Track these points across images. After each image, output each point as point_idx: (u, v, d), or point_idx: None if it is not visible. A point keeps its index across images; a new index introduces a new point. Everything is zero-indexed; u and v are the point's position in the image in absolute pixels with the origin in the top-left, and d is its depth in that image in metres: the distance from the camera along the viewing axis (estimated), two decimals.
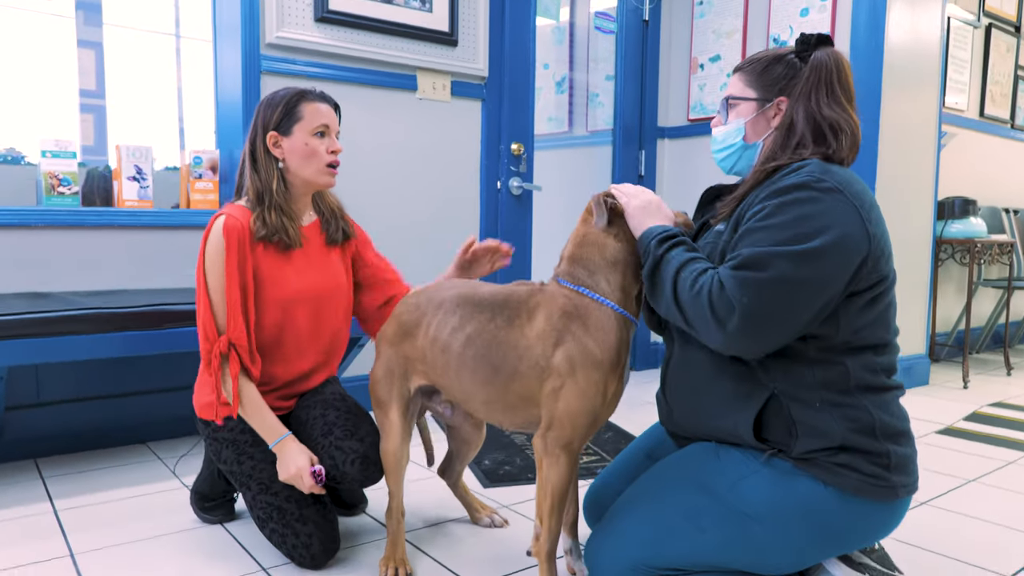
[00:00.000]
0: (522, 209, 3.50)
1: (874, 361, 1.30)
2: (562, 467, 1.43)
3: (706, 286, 1.23)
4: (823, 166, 1.28)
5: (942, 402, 3.38)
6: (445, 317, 1.55)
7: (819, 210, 1.22)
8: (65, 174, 2.52)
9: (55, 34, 2.95)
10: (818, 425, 1.26)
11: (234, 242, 1.64)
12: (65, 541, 1.79)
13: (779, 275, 1.18)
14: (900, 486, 1.28)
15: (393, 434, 1.62)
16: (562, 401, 1.40)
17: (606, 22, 3.96)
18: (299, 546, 1.61)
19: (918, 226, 3.63)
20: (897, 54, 3.36)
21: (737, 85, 1.45)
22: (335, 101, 1.78)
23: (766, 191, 1.28)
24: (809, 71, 1.36)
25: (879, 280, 1.29)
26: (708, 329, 1.23)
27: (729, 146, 1.46)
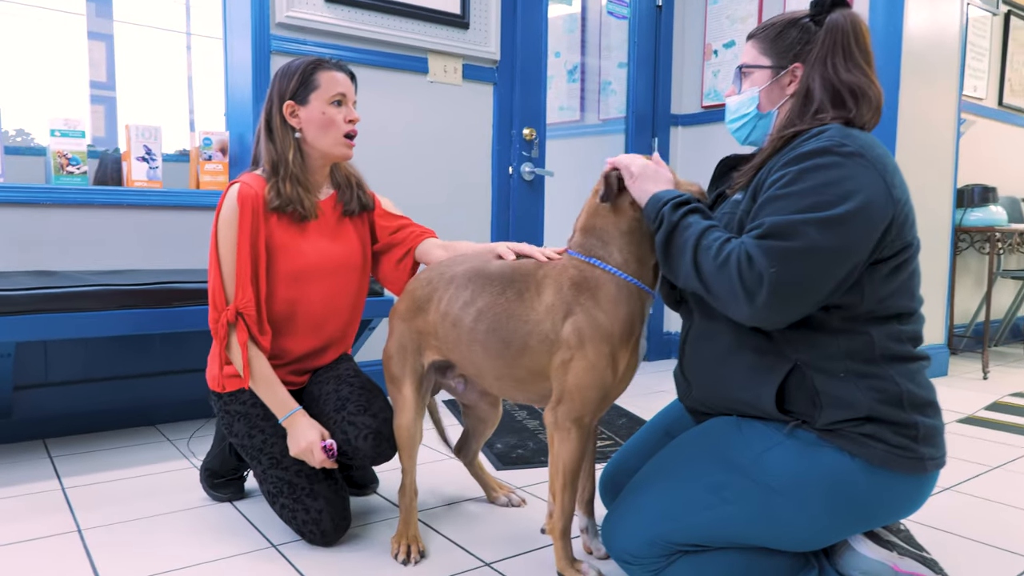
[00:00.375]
0: (534, 195, 3.46)
1: (899, 330, 1.26)
2: (573, 442, 1.39)
3: (733, 256, 1.18)
4: (843, 130, 1.24)
5: (963, 392, 3.32)
6: (456, 292, 1.52)
7: (842, 175, 1.17)
8: (74, 153, 2.50)
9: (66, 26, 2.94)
10: (843, 395, 1.22)
11: (247, 210, 1.61)
12: (73, 517, 1.76)
13: (807, 244, 1.14)
14: (928, 459, 1.23)
15: (407, 409, 1.58)
16: (572, 374, 1.37)
17: (619, 7, 3.91)
18: (309, 522, 1.57)
19: (937, 214, 3.57)
20: (916, 41, 3.30)
21: (751, 53, 1.40)
22: (351, 70, 1.75)
23: (786, 157, 1.24)
24: (824, 34, 1.31)
25: (903, 247, 1.24)
26: (735, 301, 1.19)
27: (743, 115, 1.41)
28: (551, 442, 1.42)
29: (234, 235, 1.61)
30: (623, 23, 3.96)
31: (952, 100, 3.57)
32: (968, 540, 1.71)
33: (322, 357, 1.80)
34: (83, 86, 3.11)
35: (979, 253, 4.33)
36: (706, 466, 1.31)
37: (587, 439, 1.43)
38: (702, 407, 1.44)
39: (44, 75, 2.91)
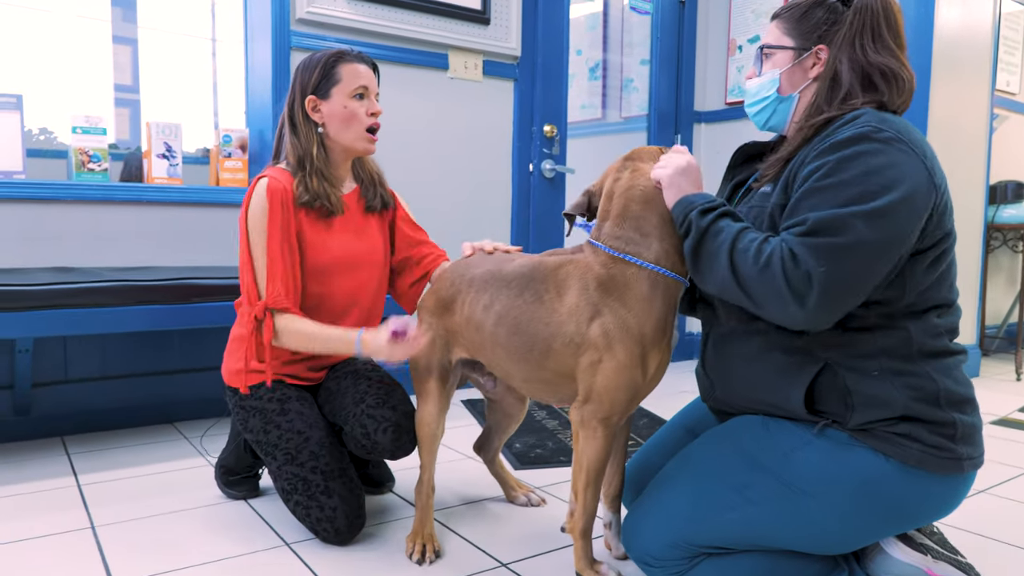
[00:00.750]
0: (555, 192, 3.42)
1: (936, 324, 1.20)
2: (599, 441, 1.34)
3: (776, 256, 1.11)
4: (879, 115, 1.18)
5: (995, 394, 3.22)
6: (476, 295, 1.48)
7: (885, 162, 1.11)
8: (95, 150, 2.50)
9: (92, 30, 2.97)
10: (877, 394, 1.17)
11: (277, 203, 1.59)
12: (87, 513, 1.75)
13: (855, 238, 1.08)
14: (966, 458, 1.17)
15: (430, 401, 1.55)
16: (600, 375, 1.30)
17: (642, 2, 3.86)
18: (323, 519, 1.54)
19: (969, 211, 3.48)
20: (947, 36, 3.21)
21: (774, 33, 1.34)
22: (373, 61, 1.72)
23: (820, 147, 1.18)
24: (853, 15, 1.25)
25: (943, 236, 1.19)
26: (782, 306, 1.11)
27: (763, 99, 1.35)
28: (576, 440, 1.37)
29: (264, 230, 1.59)
30: (645, 19, 3.91)
31: (984, 95, 3.47)
32: (1004, 544, 1.65)
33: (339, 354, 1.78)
34: (108, 88, 3.12)
35: (1012, 251, 4.21)
36: (731, 465, 1.26)
37: (613, 438, 1.38)
38: (726, 407, 1.39)
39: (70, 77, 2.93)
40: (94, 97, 2.98)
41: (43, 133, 2.87)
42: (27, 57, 2.81)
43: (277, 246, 1.59)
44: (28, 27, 2.80)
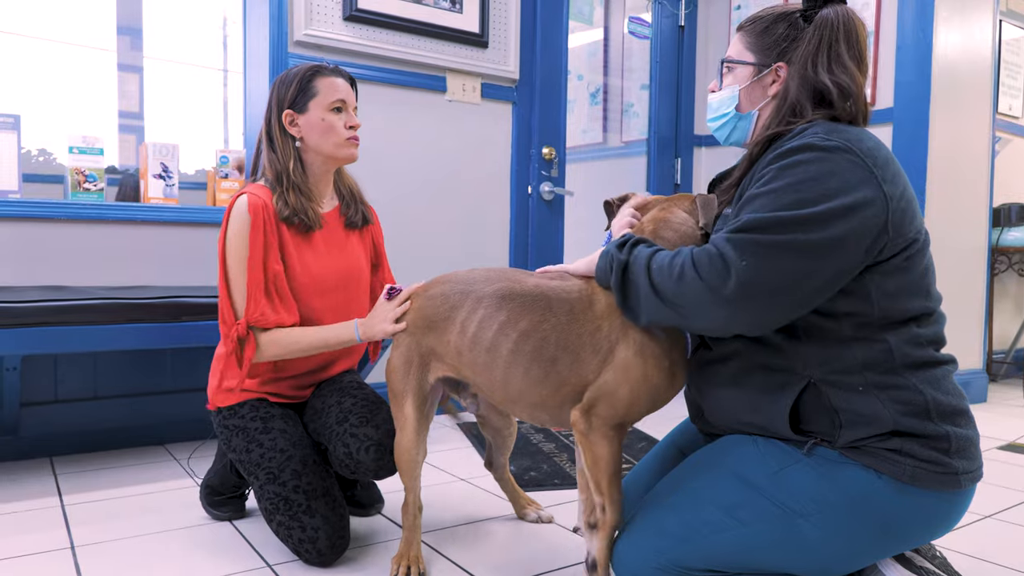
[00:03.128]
0: (553, 215, 3.41)
1: (918, 333, 1.16)
2: (614, 443, 1.30)
3: (688, 260, 1.11)
4: (829, 125, 1.16)
5: (1002, 419, 3.16)
6: (488, 312, 1.38)
7: (826, 170, 1.09)
8: (91, 170, 2.51)
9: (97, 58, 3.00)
10: (864, 411, 1.13)
11: (259, 220, 1.58)
12: (68, 534, 1.72)
13: (784, 239, 1.05)
14: (963, 472, 1.13)
15: (407, 428, 1.49)
16: (625, 385, 1.26)
17: (640, 27, 3.88)
18: (305, 540, 1.50)
19: (972, 235, 3.44)
20: (947, 61, 3.20)
21: (736, 46, 1.31)
22: (351, 76, 1.72)
23: (768, 157, 1.16)
24: (812, 31, 1.22)
25: (907, 244, 1.14)
26: (702, 304, 1.09)
27: (723, 115, 1.32)
28: (587, 445, 1.30)
29: (245, 245, 1.57)
30: (645, 44, 3.93)
31: (986, 119, 3.46)
32: (1009, 570, 1.59)
33: (327, 371, 1.76)
34: (112, 114, 3.14)
35: (1018, 275, 4.17)
36: (720, 485, 1.22)
37: (623, 436, 1.34)
38: (715, 430, 1.36)
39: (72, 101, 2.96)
40: (97, 122, 3.00)
41: (42, 154, 2.88)
42: (30, 80, 2.84)
43: (259, 263, 1.57)
44: (32, 51, 2.83)
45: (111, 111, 3.07)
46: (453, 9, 3.06)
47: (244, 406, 1.64)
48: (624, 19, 4.08)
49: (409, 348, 1.50)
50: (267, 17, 2.70)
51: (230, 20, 3.20)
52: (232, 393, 1.64)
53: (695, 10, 3.89)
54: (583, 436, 1.31)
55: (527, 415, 1.41)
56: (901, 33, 3.17)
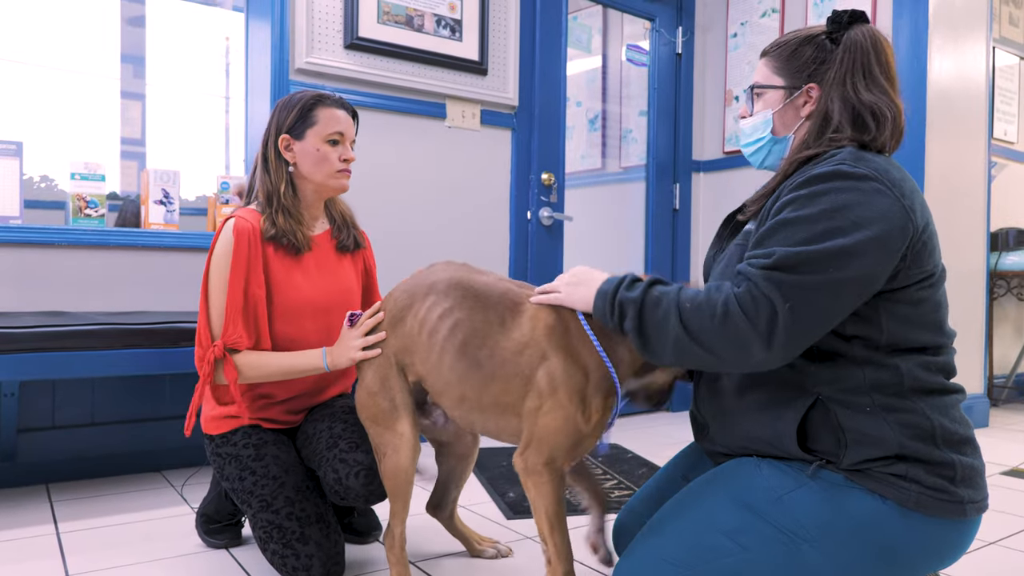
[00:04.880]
0: (553, 240, 3.42)
1: (929, 361, 1.16)
2: (548, 485, 1.32)
3: (732, 302, 1.08)
4: (857, 153, 1.16)
5: (1005, 444, 3.14)
6: (437, 299, 1.42)
7: (855, 200, 1.09)
8: (93, 196, 2.52)
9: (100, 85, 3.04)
10: (870, 432, 1.12)
11: (244, 243, 1.58)
12: (63, 562, 1.70)
13: (822, 277, 1.06)
14: (968, 502, 1.12)
15: (404, 448, 1.45)
16: (543, 420, 1.30)
17: (638, 54, 3.92)
18: (299, 568, 1.49)
19: (970, 258, 3.45)
20: (941, 87, 3.23)
21: (763, 72, 1.32)
22: (353, 109, 1.73)
23: (796, 180, 1.16)
24: (843, 52, 1.23)
25: (924, 276, 1.15)
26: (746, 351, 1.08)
27: (758, 139, 1.33)
28: (527, 489, 1.34)
29: (227, 268, 1.57)
30: (643, 71, 3.97)
31: (981, 144, 3.48)
32: None
33: (318, 396, 1.75)
34: (114, 141, 3.18)
35: (1017, 299, 4.17)
36: (723, 510, 1.21)
37: (563, 480, 1.34)
38: (720, 448, 1.34)
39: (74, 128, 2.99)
40: (99, 149, 3.03)
41: (44, 181, 2.90)
42: (34, 108, 2.87)
43: (240, 286, 1.57)
44: (35, 79, 2.86)
45: (113, 138, 3.09)
46: (453, 37, 3.10)
47: (236, 433, 1.63)
48: (622, 47, 4.13)
49: (380, 365, 1.48)
50: (269, 45, 2.73)
51: (232, 48, 3.24)
52: (224, 420, 1.63)
53: (692, 38, 3.94)
54: (522, 478, 1.34)
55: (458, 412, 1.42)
56: (896, 59, 3.20)
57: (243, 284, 1.57)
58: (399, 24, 2.97)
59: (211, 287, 1.58)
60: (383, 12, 2.92)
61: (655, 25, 3.87)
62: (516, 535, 1.93)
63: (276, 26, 2.72)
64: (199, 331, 1.58)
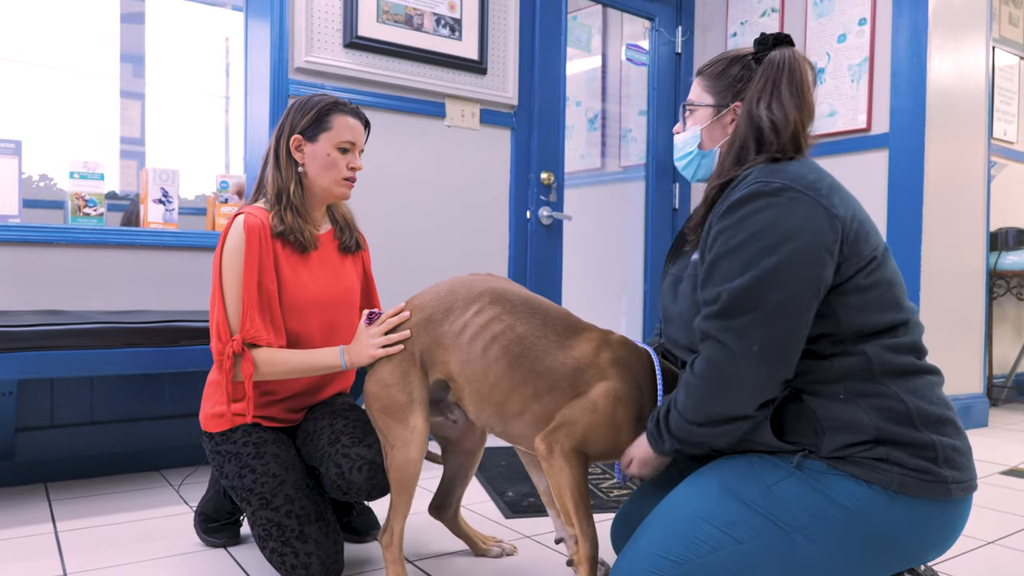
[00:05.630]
0: (552, 239, 3.42)
1: (895, 343, 1.18)
2: (575, 467, 1.36)
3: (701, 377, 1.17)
4: (767, 168, 1.21)
5: (1004, 443, 3.14)
6: (483, 305, 1.46)
7: (775, 215, 1.14)
8: (91, 195, 2.52)
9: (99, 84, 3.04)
10: (845, 418, 1.14)
11: (255, 238, 1.58)
12: (61, 561, 1.70)
13: (772, 304, 1.12)
14: (952, 482, 1.13)
15: (414, 443, 1.45)
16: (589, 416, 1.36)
17: (638, 54, 3.92)
18: (298, 567, 1.49)
19: (970, 258, 3.44)
20: (940, 88, 3.23)
21: (696, 90, 1.38)
22: (367, 119, 1.74)
23: (720, 209, 1.22)
24: (761, 72, 1.28)
25: (866, 263, 1.18)
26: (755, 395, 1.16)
27: (687, 153, 1.39)
28: (550, 472, 1.37)
29: (240, 264, 1.58)
30: (642, 70, 3.97)
31: (981, 144, 3.48)
32: None
33: (319, 394, 1.75)
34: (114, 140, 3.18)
35: (1017, 299, 4.17)
36: (717, 504, 1.22)
37: (587, 465, 1.39)
38: (710, 450, 1.36)
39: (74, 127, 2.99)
40: (98, 148, 3.03)
41: (43, 180, 2.89)
42: (33, 107, 2.87)
43: (254, 280, 1.57)
44: (35, 79, 2.86)
45: (113, 137, 3.09)
46: (452, 36, 3.10)
47: (236, 431, 1.63)
48: (622, 46, 4.13)
49: (401, 360, 1.49)
50: (268, 44, 2.73)
51: (232, 48, 3.24)
52: (224, 418, 1.63)
53: (691, 37, 3.94)
54: (545, 460, 1.38)
55: (488, 411, 1.45)
56: (895, 59, 3.21)
57: (257, 279, 1.57)
58: (399, 23, 2.96)
59: (225, 282, 1.58)
60: (383, 11, 2.92)
61: (655, 24, 3.87)
62: (515, 534, 1.93)
63: (275, 25, 2.72)
64: (217, 326, 1.58)
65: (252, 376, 1.56)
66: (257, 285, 1.58)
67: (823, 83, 3.43)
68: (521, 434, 1.44)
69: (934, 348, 1.33)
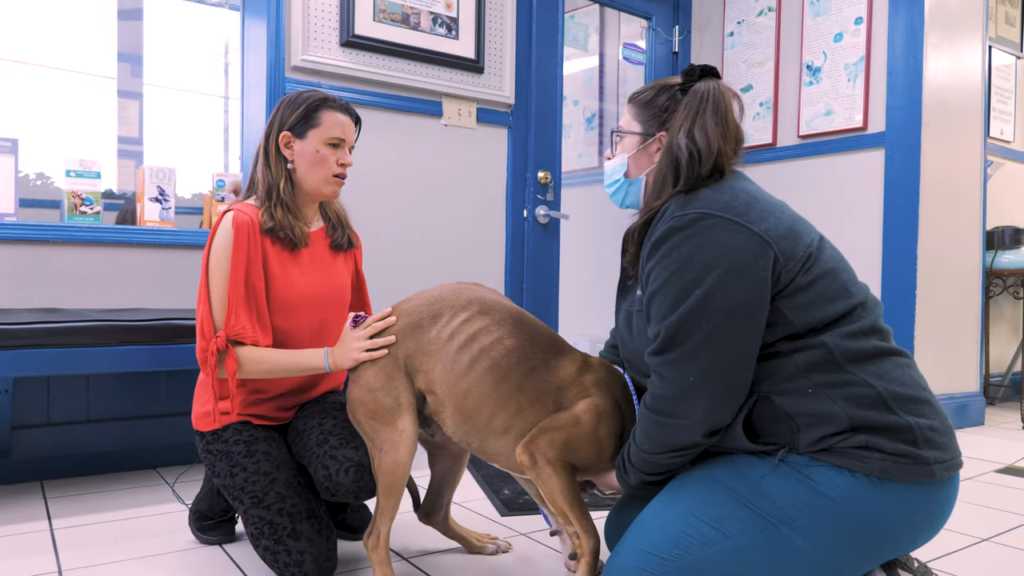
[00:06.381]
0: (549, 238, 3.42)
1: (853, 329, 1.18)
2: (561, 472, 1.38)
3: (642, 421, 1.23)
4: (682, 199, 1.22)
5: (1000, 441, 3.14)
6: (472, 315, 1.45)
7: (693, 247, 1.16)
8: (88, 194, 2.52)
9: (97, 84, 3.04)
10: (816, 410, 1.15)
11: (243, 235, 1.58)
12: (56, 558, 1.70)
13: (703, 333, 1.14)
14: (936, 463, 1.13)
15: (404, 444, 1.44)
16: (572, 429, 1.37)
17: (635, 53, 3.92)
18: (291, 564, 1.49)
19: (966, 257, 3.45)
20: (937, 87, 3.24)
21: (625, 118, 1.39)
22: (357, 115, 1.74)
23: (646, 248, 1.24)
24: (684, 103, 1.29)
25: (801, 262, 1.18)
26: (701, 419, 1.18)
27: (615, 181, 1.39)
28: (539, 480, 1.38)
29: (227, 260, 1.57)
30: (640, 69, 3.98)
31: (977, 144, 3.48)
32: None
33: (309, 392, 1.75)
34: (111, 139, 3.18)
35: (1013, 298, 4.17)
36: (706, 500, 1.23)
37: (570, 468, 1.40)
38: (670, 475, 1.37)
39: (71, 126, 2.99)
40: (96, 147, 3.03)
41: (40, 178, 2.90)
42: (31, 107, 2.87)
43: (241, 277, 1.57)
44: (33, 78, 2.86)
45: (111, 137, 3.10)
46: (449, 35, 3.10)
47: (227, 430, 1.63)
48: (619, 46, 4.14)
49: (385, 364, 1.49)
50: (264, 43, 2.73)
51: (231, 48, 3.24)
52: (211, 417, 1.63)
53: (688, 37, 3.94)
54: (531, 471, 1.38)
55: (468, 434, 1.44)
56: (892, 58, 3.21)
57: (244, 275, 1.57)
58: (395, 22, 2.97)
59: (212, 279, 1.58)
60: (379, 10, 2.93)
61: (652, 24, 3.87)
62: (511, 532, 1.93)
63: (272, 24, 2.72)
64: (201, 323, 1.57)
65: (235, 374, 1.55)
66: (244, 282, 1.57)
67: (819, 82, 3.44)
68: (499, 452, 1.44)
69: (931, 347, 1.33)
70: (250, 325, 1.57)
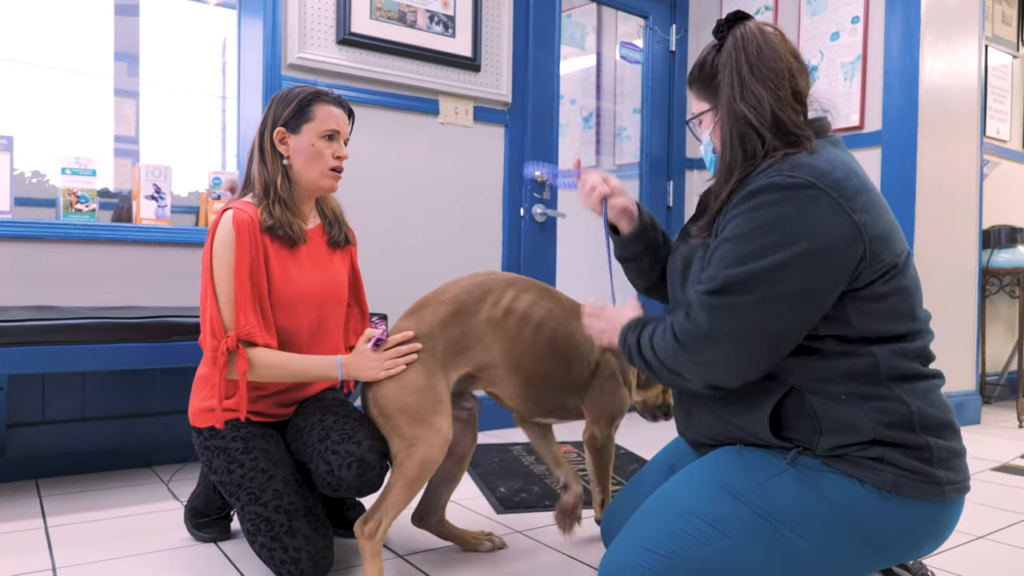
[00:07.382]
0: (546, 237, 3.42)
1: (905, 348, 1.16)
2: (613, 444, 1.72)
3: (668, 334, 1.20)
4: (795, 160, 1.14)
5: (996, 440, 3.15)
6: (518, 293, 1.61)
7: (789, 212, 1.09)
8: (83, 191, 2.51)
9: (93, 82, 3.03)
10: (845, 419, 1.13)
11: (245, 233, 1.58)
12: (50, 556, 1.70)
13: (755, 296, 1.10)
14: (947, 484, 1.12)
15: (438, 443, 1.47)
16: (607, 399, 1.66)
17: (632, 52, 3.92)
18: (287, 561, 1.48)
19: (963, 256, 3.45)
20: (933, 86, 3.24)
21: (692, 101, 1.35)
22: (350, 108, 1.74)
23: (738, 196, 1.17)
24: (722, 63, 1.22)
25: (886, 269, 1.14)
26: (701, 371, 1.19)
27: (711, 161, 1.35)
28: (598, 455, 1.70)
29: (231, 258, 1.57)
30: (637, 68, 3.98)
31: (973, 142, 3.49)
32: None
33: (308, 389, 1.75)
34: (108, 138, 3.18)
35: (1009, 297, 4.18)
36: (706, 498, 1.22)
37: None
38: (703, 438, 1.35)
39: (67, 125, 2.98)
40: (93, 146, 3.02)
41: (36, 176, 2.89)
42: (27, 105, 2.86)
43: (246, 276, 1.57)
44: (30, 77, 2.85)
45: (107, 135, 3.09)
46: (446, 33, 3.09)
47: (225, 426, 1.63)
48: (616, 44, 4.13)
49: (428, 361, 1.52)
50: (261, 41, 2.73)
51: (228, 47, 3.24)
52: (214, 414, 1.62)
53: (685, 36, 3.94)
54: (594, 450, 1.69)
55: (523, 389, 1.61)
56: (888, 57, 3.21)
57: (248, 274, 1.57)
58: (392, 20, 2.96)
59: (217, 278, 1.57)
60: (376, 8, 2.92)
61: (649, 23, 3.87)
62: (507, 529, 1.93)
63: (268, 22, 2.71)
64: (210, 322, 1.56)
65: (246, 374, 1.55)
66: (249, 280, 1.57)
67: (816, 80, 3.44)
68: (552, 409, 1.66)
69: None
70: (259, 324, 1.57)
